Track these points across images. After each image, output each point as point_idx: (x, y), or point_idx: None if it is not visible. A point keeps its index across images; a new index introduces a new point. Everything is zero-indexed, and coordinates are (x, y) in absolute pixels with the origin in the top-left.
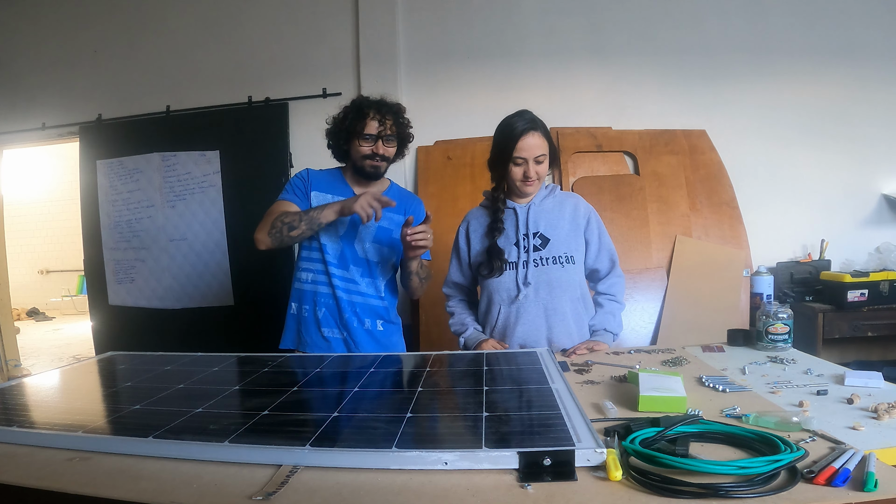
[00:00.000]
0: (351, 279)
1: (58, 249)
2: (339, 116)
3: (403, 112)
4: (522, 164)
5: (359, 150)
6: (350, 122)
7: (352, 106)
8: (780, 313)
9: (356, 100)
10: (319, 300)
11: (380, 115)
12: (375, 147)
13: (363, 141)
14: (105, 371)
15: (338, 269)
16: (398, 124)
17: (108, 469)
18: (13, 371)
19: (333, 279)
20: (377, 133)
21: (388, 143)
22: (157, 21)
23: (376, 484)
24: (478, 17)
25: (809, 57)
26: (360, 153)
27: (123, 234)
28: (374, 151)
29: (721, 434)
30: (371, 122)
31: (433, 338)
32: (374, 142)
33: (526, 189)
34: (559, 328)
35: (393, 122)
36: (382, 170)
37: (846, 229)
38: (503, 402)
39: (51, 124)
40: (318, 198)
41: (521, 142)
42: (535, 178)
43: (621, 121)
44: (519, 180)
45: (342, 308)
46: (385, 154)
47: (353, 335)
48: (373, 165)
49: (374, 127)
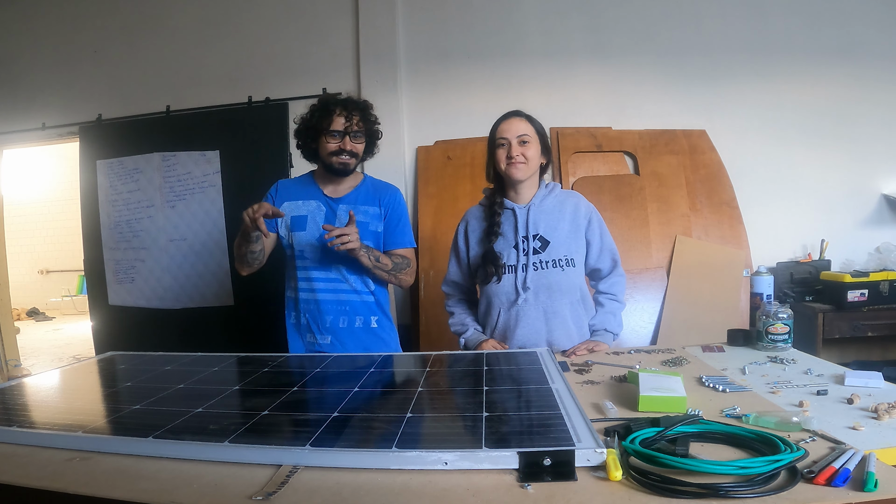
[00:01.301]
0: (337, 279)
1: (58, 249)
2: (307, 115)
3: (371, 109)
4: (505, 146)
5: (326, 147)
6: (317, 120)
7: (318, 104)
8: (780, 313)
9: (322, 98)
10: (301, 307)
11: (346, 112)
12: (343, 143)
13: (330, 137)
14: (105, 371)
15: (321, 272)
16: (365, 120)
17: (108, 469)
18: (13, 371)
19: (315, 283)
20: (344, 129)
21: (355, 140)
22: (157, 21)
23: (376, 484)
24: (478, 17)
25: (809, 57)
26: (328, 150)
27: (123, 234)
28: (341, 147)
29: (721, 434)
30: (337, 118)
31: (433, 338)
32: (342, 138)
33: (513, 172)
34: (559, 331)
35: (360, 119)
36: (351, 166)
37: (846, 229)
38: (503, 402)
39: (51, 124)
40: (290, 207)
41: (502, 125)
42: (521, 160)
43: (621, 121)
44: (503, 162)
45: (324, 311)
46: (352, 150)
47: (339, 337)
48: (340, 162)
49: (341, 123)
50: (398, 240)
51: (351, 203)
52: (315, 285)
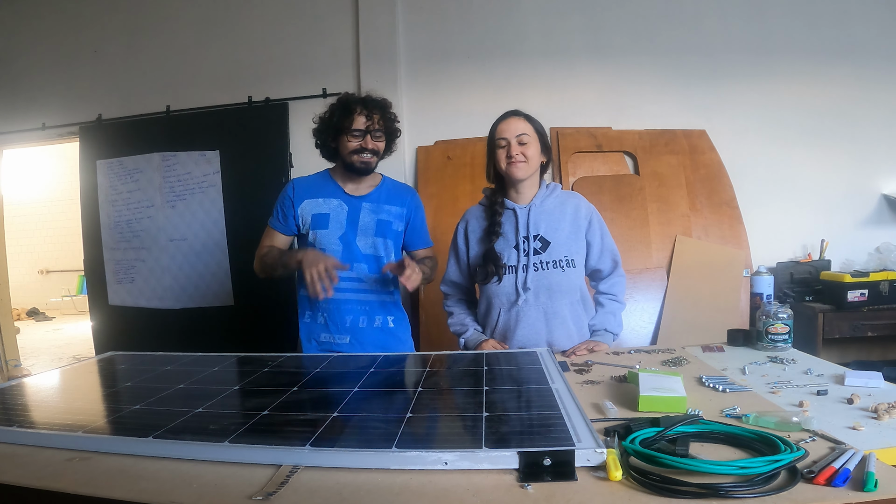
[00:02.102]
0: (358, 278)
1: (58, 249)
2: (326, 114)
3: (390, 107)
4: (505, 146)
5: (347, 146)
6: (337, 119)
7: (338, 103)
8: (780, 313)
9: (342, 97)
10: (318, 306)
11: (367, 111)
12: (364, 142)
13: (351, 136)
14: (105, 371)
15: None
16: (385, 119)
17: (108, 469)
18: (13, 371)
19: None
20: (365, 128)
21: (376, 138)
22: (157, 21)
23: (376, 484)
24: (478, 17)
25: (810, 57)
26: (349, 148)
27: (123, 234)
28: (362, 146)
29: (721, 434)
30: (358, 117)
31: (433, 337)
32: (363, 137)
33: (513, 171)
34: (559, 331)
35: (380, 117)
36: (373, 165)
37: (846, 229)
38: (503, 402)
39: (51, 124)
40: (311, 205)
41: (501, 125)
42: (522, 159)
43: (621, 121)
44: (504, 162)
45: (344, 311)
46: (374, 148)
47: (358, 337)
48: (362, 161)
49: (362, 122)
50: (422, 240)
51: (374, 202)
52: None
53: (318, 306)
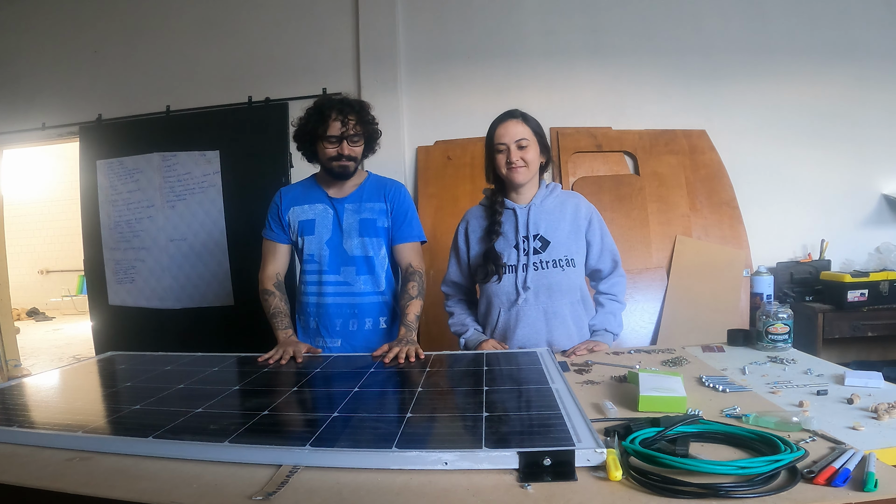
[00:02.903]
0: (345, 282)
1: (58, 249)
2: (303, 120)
3: (368, 109)
4: (504, 151)
5: (325, 153)
6: (312, 125)
7: (313, 108)
8: (780, 313)
9: (317, 101)
10: (310, 311)
11: (342, 116)
12: (340, 148)
13: (327, 143)
14: (105, 371)
15: (330, 275)
16: (362, 122)
17: (108, 469)
18: (13, 371)
19: (325, 287)
20: (340, 134)
21: (353, 143)
22: (157, 21)
23: (376, 484)
24: (478, 17)
25: (810, 57)
26: (326, 155)
27: (123, 234)
28: (339, 152)
29: (721, 434)
30: (333, 122)
31: (433, 338)
32: (339, 143)
33: (514, 177)
34: (559, 331)
35: (356, 122)
36: (351, 169)
37: (846, 229)
38: (503, 402)
39: (51, 124)
40: (298, 212)
41: (499, 129)
42: (522, 164)
43: (621, 121)
44: (504, 167)
45: (333, 315)
46: (351, 154)
47: (349, 340)
48: (340, 166)
49: (337, 128)
50: (406, 233)
51: (356, 201)
52: (324, 289)
53: (311, 311)
